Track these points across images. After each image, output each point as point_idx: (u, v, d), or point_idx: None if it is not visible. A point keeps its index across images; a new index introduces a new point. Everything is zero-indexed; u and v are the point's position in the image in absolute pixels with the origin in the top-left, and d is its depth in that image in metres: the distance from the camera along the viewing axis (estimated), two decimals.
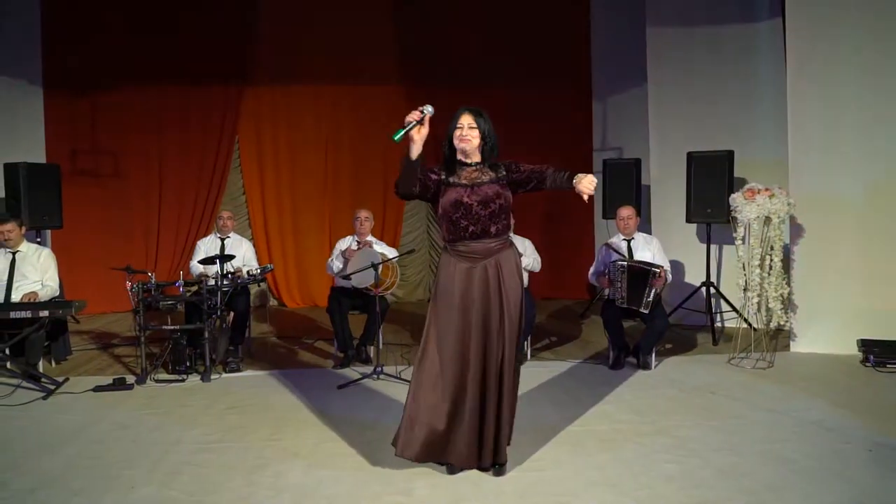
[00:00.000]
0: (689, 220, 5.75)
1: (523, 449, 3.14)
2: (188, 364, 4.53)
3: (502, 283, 2.82)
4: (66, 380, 4.41)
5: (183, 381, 4.42)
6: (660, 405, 3.83)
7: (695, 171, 5.62)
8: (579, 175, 2.76)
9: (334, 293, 4.97)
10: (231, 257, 4.87)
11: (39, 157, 6.76)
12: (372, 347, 4.79)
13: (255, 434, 3.42)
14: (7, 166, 5.90)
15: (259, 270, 4.81)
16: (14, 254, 4.65)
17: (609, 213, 6.39)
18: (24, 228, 4.81)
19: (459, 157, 2.87)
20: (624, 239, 4.89)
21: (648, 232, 5.50)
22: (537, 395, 4.03)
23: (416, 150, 2.68)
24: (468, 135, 2.82)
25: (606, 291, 4.74)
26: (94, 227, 7.06)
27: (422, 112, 2.68)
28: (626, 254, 4.80)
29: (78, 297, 4.91)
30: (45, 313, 4.18)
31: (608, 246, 4.91)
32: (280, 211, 7.64)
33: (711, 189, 5.50)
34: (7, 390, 4.16)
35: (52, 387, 4.21)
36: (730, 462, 2.99)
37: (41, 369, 4.49)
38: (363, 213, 5.05)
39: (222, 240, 5.26)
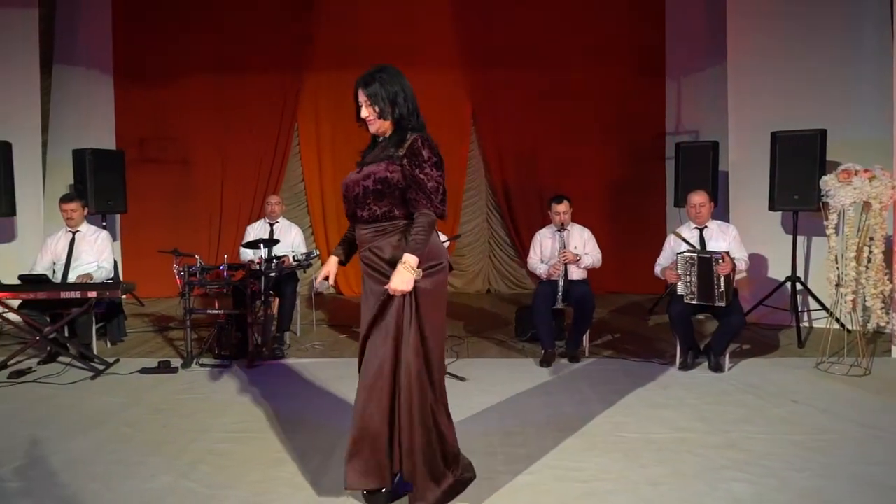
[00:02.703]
0: (772, 208, 5.18)
1: (567, 455, 2.82)
2: (233, 349, 4.48)
3: (372, 278, 2.35)
4: (117, 361, 4.46)
5: (227, 366, 4.37)
6: (731, 413, 3.39)
7: (780, 154, 5.05)
8: (403, 261, 2.20)
9: None
10: (275, 242, 4.77)
11: (110, 144, 7.00)
12: None
13: (283, 425, 3.27)
14: (75, 152, 6.10)
15: (304, 256, 4.68)
16: (74, 233, 4.76)
17: (681, 200, 5.87)
18: (86, 210, 4.92)
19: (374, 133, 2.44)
20: (695, 227, 4.42)
21: (726, 221, 4.97)
22: (589, 395, 3.68)
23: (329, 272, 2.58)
24: (367, 113, 2.37)
25: (678, 286, 4.27)
26: (161, 213, 7.25)
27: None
28: (696, 244, 4.33)
29: (143, 280, 5.02)
30: (92, 294, 4.21)
31: (677, 235, 4.45)
32: (338, 198, 7.46)
33: (799, 173, 4.93)
34: (59, 369, 4.26)
35: (101, 367, 4.26)
36: (813, 485, 2.55)
37: (96, 350, 4.56)
38: None
39: (271, 225, 5.18)
